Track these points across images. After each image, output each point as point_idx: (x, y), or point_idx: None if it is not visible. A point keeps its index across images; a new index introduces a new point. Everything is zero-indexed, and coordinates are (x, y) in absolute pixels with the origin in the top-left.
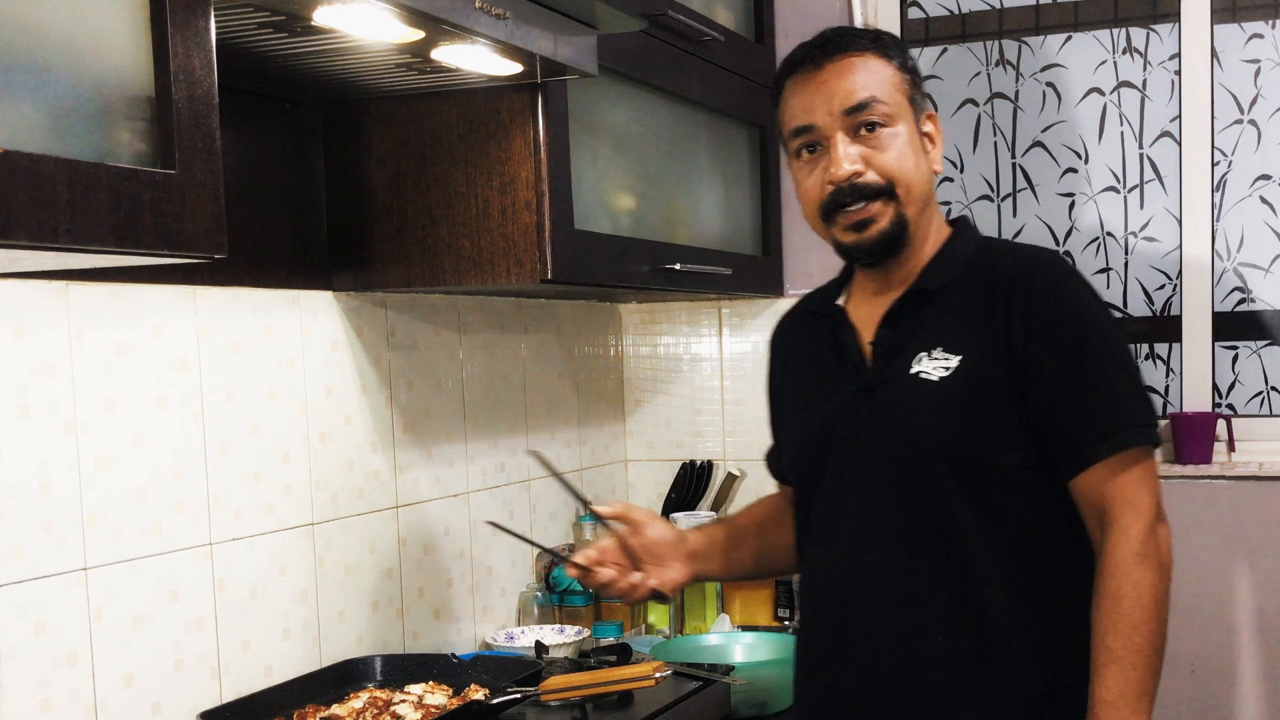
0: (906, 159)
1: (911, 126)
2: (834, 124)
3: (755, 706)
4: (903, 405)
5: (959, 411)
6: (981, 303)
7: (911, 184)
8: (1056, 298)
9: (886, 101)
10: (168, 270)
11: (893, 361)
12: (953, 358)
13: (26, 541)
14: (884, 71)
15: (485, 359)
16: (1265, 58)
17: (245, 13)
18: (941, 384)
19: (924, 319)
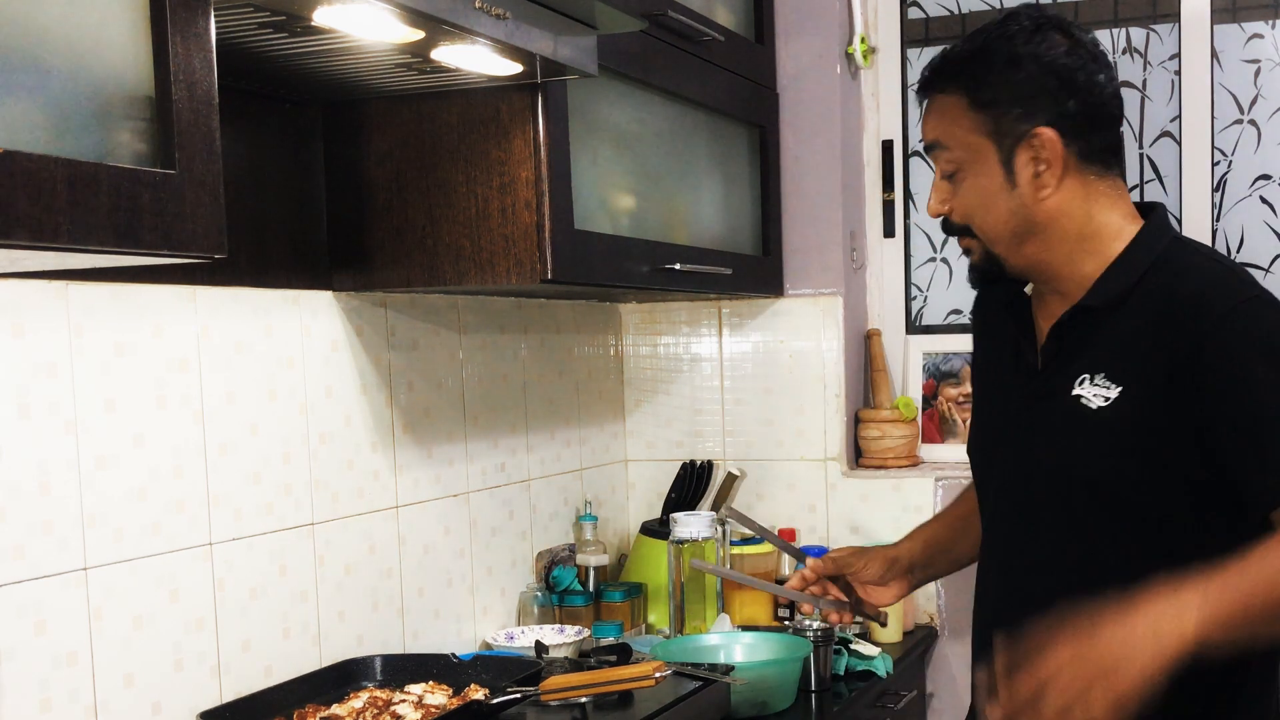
0: (977, 205)
1: (990, 166)
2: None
3: (755, 706)
4: (1060, 429)
5: (1114, 446)
6: (1148, 329)
7: (987, 226)
8: (1230, 328)
9: (950, 147)
10: (168, 270)
11: (1055, 376)
12: (1114, 387)
13: (26, 541)
14: (957, 114)
15: (485, 359)
16: (1265, 58)
17: (245, 13)
18: (1099, 414)
19: (1089, 338)
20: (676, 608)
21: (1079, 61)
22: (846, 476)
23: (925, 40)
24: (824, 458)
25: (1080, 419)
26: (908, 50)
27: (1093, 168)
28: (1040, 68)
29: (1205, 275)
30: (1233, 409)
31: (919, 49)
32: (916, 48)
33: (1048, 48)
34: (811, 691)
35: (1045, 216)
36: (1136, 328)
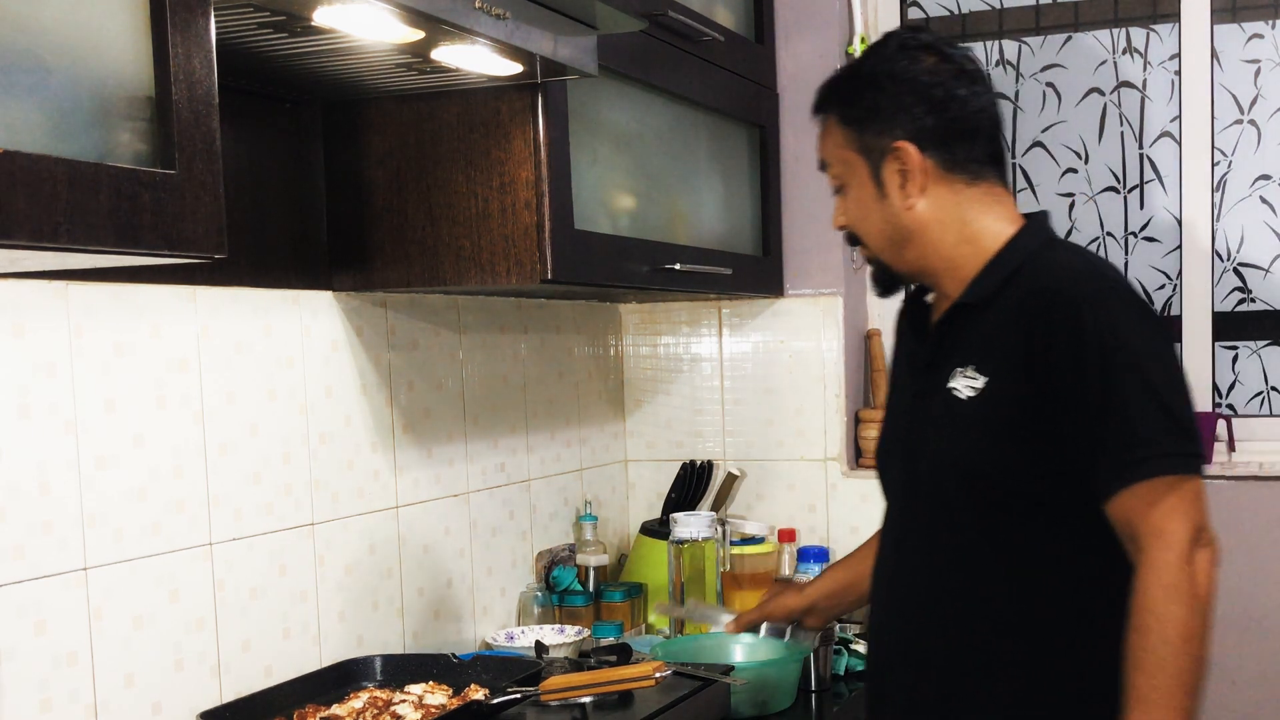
0: (858, 217)
1: (864, 180)
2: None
3: (755, 706)
4: (937, 421)
5: (979, 434)
6: (1011, 322)
7: (868, 235)
8: (1079, 319)
9: (833, 165)
10: (168, 270)
11: (936, 371)
12: (980, 378)
13: (26, 541)
14: (832, 132)
15: (485, 359)
16: (1265, 58)
17: (245, 13)
18: (968, 404)
19: (964, 334)
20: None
21: (938, 79)
22: (847, 477)
23: None
24: (824, 458)
25: (952, 410)
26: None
27: (960, 176)
28: (898, 86)
29: (1063, 269)
30: (1080, 395)
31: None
32: None
33: (907, 66)
34: (811, 691)
35: (916, 224)
36: (1002, 321)
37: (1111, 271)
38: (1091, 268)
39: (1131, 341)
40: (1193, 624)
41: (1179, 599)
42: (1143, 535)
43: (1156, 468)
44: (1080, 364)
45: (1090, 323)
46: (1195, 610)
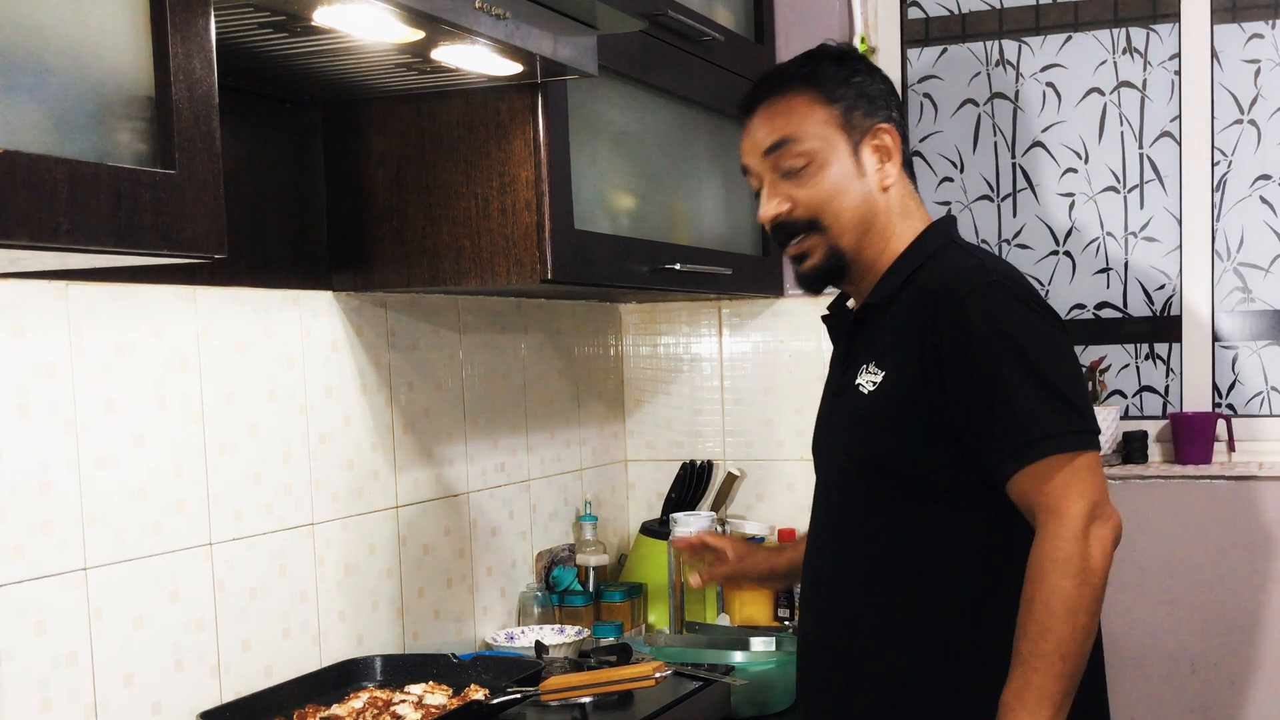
0: (831, 192)
1: (843, 155)
2: (760, 167)
3: (755, 706)
4: (844, 415)
5: (875, 425)
6: (906, 319)
7: (839, 213)
8: (964, 315)
9: (802, 139)
10: (168, 270)
11: (848, 370)
12: (879, 373)
13: (26, 541)
14: (807, 110)
15: (485, 359)
16: (1265, 58)
17: (245, 13)
18: (869, 397)
19: (871, 332)
20: (676, 608)
21: (891, 83)
22: None
23: (925, 40)
24: None
25: (857, 404)
26: (908, 50)
27: (907, 171)
28: (875, 77)
29: (952, 269)
30: (969, 387)
31: (919, 49)
32: (916, 48)
33: (872, 65)
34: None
35: (882, 207)
36: (899, 318)
37: (1001, 268)
38: (980, 265)
39: (1015, 331)
40: (1079, 597)
41: (1067, 573)
42: (1039, 511)
43: (1047, 448)
44: (966, 355)
45: (975, 316)
46: (1084, 583)
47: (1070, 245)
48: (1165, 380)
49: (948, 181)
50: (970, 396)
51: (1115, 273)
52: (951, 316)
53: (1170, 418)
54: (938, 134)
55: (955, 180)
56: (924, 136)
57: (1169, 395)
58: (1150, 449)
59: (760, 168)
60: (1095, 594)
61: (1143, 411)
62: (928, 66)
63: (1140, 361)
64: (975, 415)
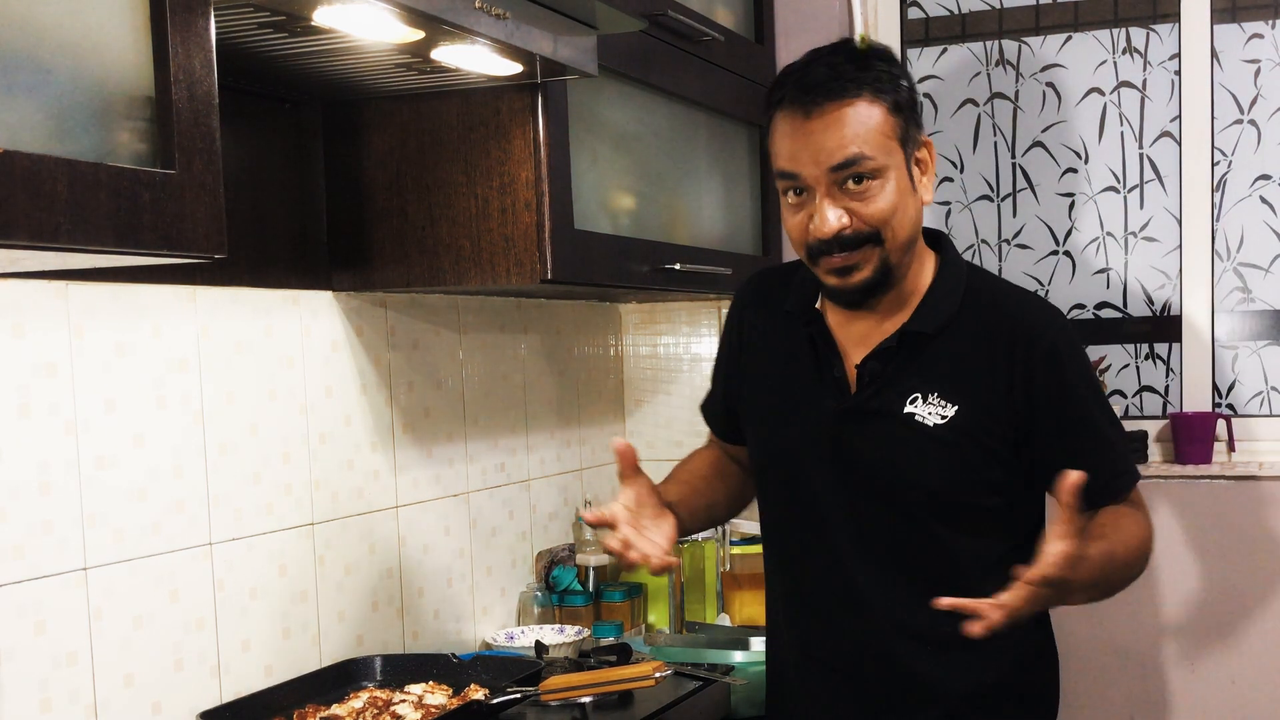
0: (894, 207)
1: (902, 169)
2: (820, 179)
3: (755, 706)
4: (895, 443)
5: (952, 460)
6: (981, 353)
7: (899, 229)
8: (1058, 359)
9: (874, 155)
10: (168, 270)
11: (881, 394)
12: (949, 406)
13: (26, 541)
14: (873, 119)
15: (485, 359)
16: (1265, 58)
17: (245, 13)
18: (938, 430)
19: (920, 360)
20: (676, 608)
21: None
22: None
23: (925, 40)
24: None
25: (917, 434)
26: (908, 50)
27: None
28: (913, 85)
29: (1030, 307)
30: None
31: (919, 49)
32: (916, 48)
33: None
34: None
35: (919, 228)
36: (965, 351)
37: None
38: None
39: (1092, 375)
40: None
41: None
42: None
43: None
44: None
45: (1065, 358)
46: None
47: (1070, 245)
48: (1165, 380)
49: (948, 181)
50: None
51: (1115, 273)
52: (1046, 359)
53: (1170, 418)
54: (938, 134)
55: (955, 180)
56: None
57: (1169, 395)
58: (1150, 449)
59: (817, 179)
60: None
61: (1143, 411)
62: (928, 66)
63: (1140, 361)
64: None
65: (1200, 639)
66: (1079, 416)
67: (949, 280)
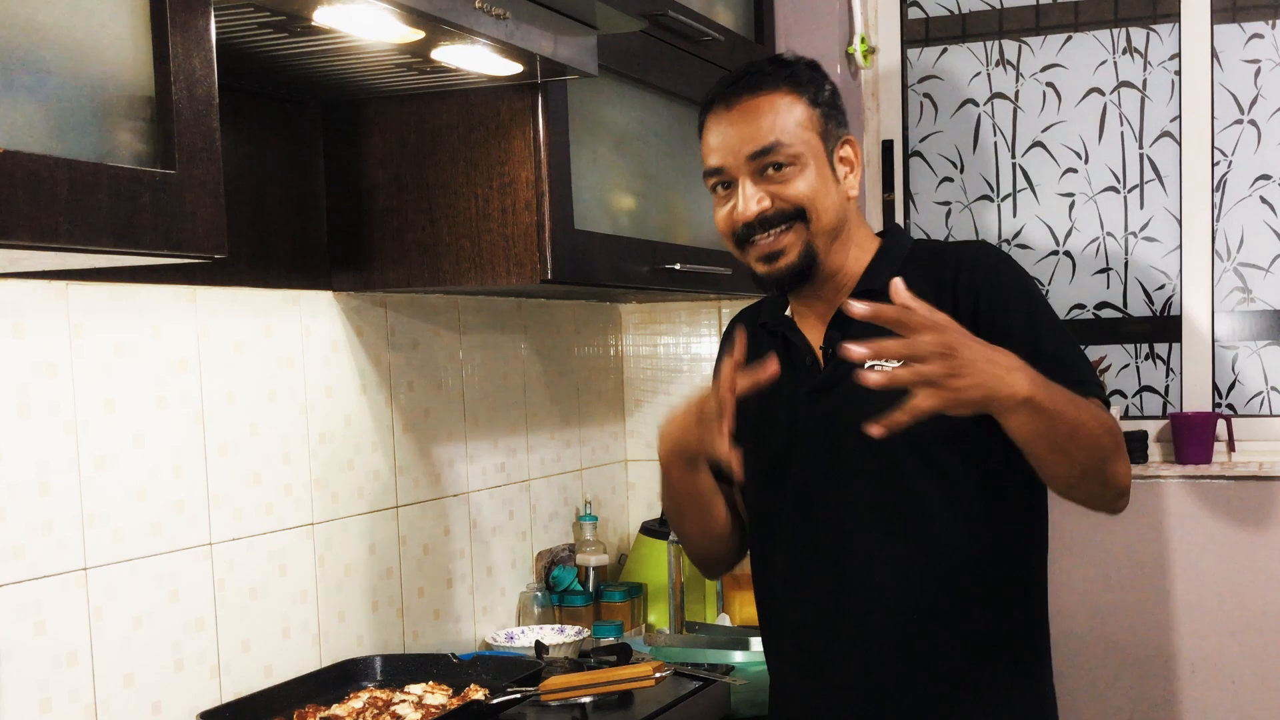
0: (815, 191)
1: (821, 161)
2: (740, 167)
3: (755, 706)
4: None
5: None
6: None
7: (821, 211)
8: (1000, 276)
9: (791, 144)
10: (168, 270)
11: (845, 363)
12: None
13: (26, 541)
14: (792, 111)
15: (485, 359)
16: (1265, 58)
17: (245, 13)
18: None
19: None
20: (676, 608)
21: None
22: None
23: (925, 40)
24: None
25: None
26: (908, 50)
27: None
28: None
29: (965, 245)
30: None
31: (919, 49)
32: (916, 48)
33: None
34: None
35: (846, 216)
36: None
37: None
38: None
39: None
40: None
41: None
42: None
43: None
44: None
45: (1010, 280)
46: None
47: (1070, 245)
48: (1165, 380)
49: (948, 181)
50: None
51: (1115, 273)
52: (990, 278)
53: (1170, 418)
54: (938, 134)
55: (955, 180)
56: (924, 136)
57: (1169, 395)
58: (1150, 449)
59: (737, 169)
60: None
61: (1143, 411)
62: (928, 66)
63: (1140, 361)
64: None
65: (1200, 639)
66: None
67: (892, 249)
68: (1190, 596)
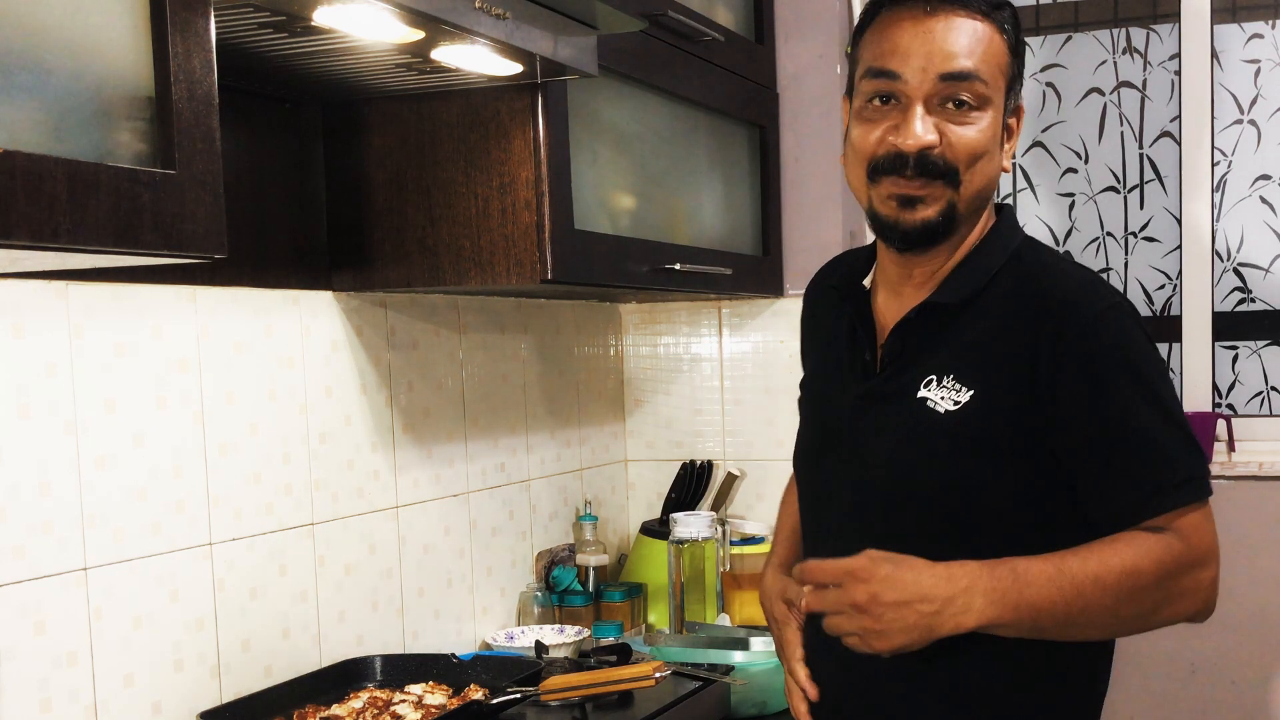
0: (984, 149)
1: (999, 116)
2: (924, 84)
3: (755, 706)
4: (905, 433)
5: (963, 452)
6: (1005, 327)
7: (976, 176)
8: (1096, 333)
9: (988, 81)
10: (168, 270)
11: (899, 376)
12: (964, 390)
13: (26, 541)
14: (996, 46)
15: (485, 359)
16: (1265, 58)
17: (245, 13)
18: (948, 417)
19: (940, 336)
20: (676, 608)
21: None
22: None
23: None
24: None
25: (927, 422)
26: None
27: None
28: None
29: (1068, 278)
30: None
31: None
32: None
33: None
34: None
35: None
36: (989, 328)
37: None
38: (1095, 279)
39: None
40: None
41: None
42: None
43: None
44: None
45: (1109, 338)
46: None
47: (1070, 245)
48: None
49: None
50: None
51: (1115, 273)
52: (1082, 333)
53: None
54: None
55: None
56: None
57: None
58: None
59: (919, 86)
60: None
61: None
62: None
63: None
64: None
65: (1201, 639)
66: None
67: (991, 249)
68: None
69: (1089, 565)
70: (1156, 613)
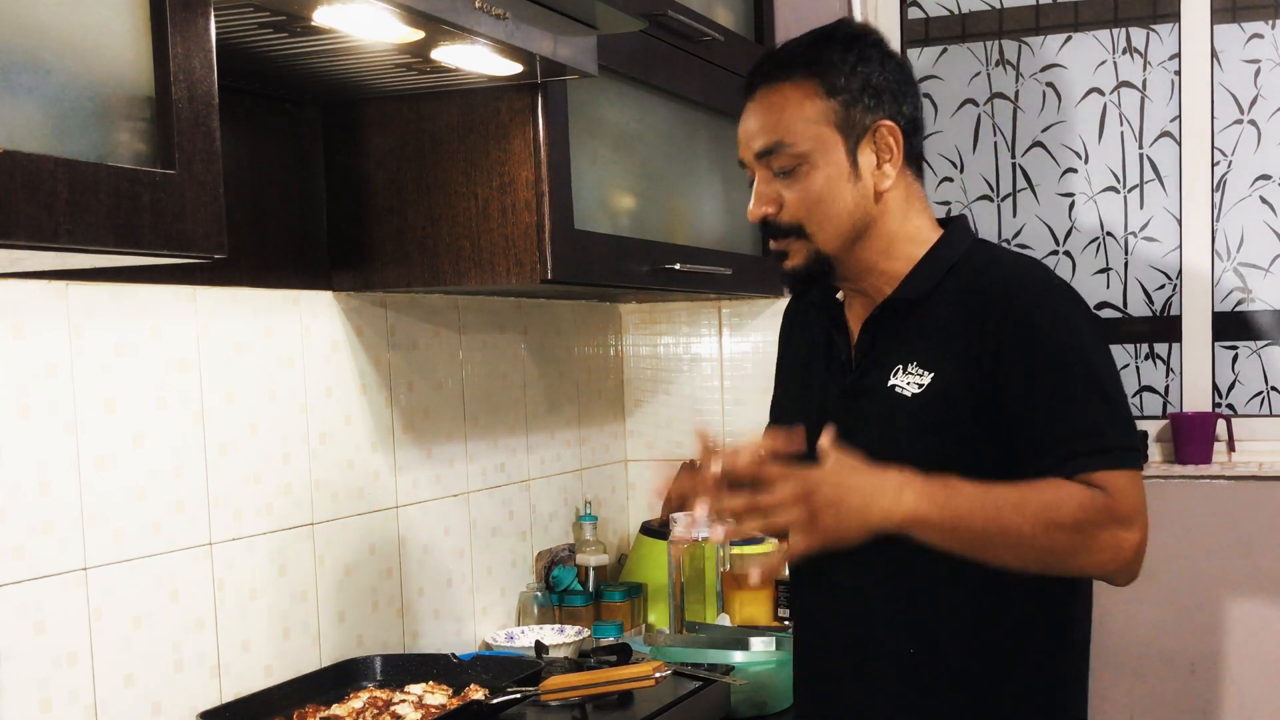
0: (818, 200)
1: (837, 158)
2: (753, 164)
3: (755, 706)
4: (879, 419)
5: (928, 431)
6: (958, 316)
7: (825, 220)
8: (1031, 315)
9: (796, 142)
10: (168, 270)
11: (872, 371)
12: (926, 374)
13: (26, 541)
14: (805, 105)
15: (485, 359)
16: (1265, 58)
17: (245, 13)
18: (914, 400)
19: (903, 330)
20: (676, 608)
21: (908, 69)
22: None
23: (925, 40)
24: None
25: (896, 407)
26: (908, 50)
27: (911, 170)
28: (886, 66)
29: (1013, 266)
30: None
31: (919, 49)
32: (916, 48)
33: (888, 51)
34: None
35: (879, 210)
36: (945, 315)
37: (1049, 269)
38: (1037, 266)
39: (1081, 339)
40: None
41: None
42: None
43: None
44: (1032, 362)
45: (1044, 319)
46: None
47: (1070, 245)
48: (1165, 380)
49: (948, 181)
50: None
51: (1115, 273)
52: (1021, 315)
53: (1170, 418)
54: (938, 134)
55: (955, 180)
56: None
57: (1169, 395)
58: (1150, 449)
59: (751, 163)
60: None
61: (1143, 411)
62: (928, 66)
63: (1140, 361)
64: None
65: (1200, 639)
66: (1051, 376)
67: (944, 251)
68: (1190, 597)
69: (1013, 493)
70: (1074, 556)
